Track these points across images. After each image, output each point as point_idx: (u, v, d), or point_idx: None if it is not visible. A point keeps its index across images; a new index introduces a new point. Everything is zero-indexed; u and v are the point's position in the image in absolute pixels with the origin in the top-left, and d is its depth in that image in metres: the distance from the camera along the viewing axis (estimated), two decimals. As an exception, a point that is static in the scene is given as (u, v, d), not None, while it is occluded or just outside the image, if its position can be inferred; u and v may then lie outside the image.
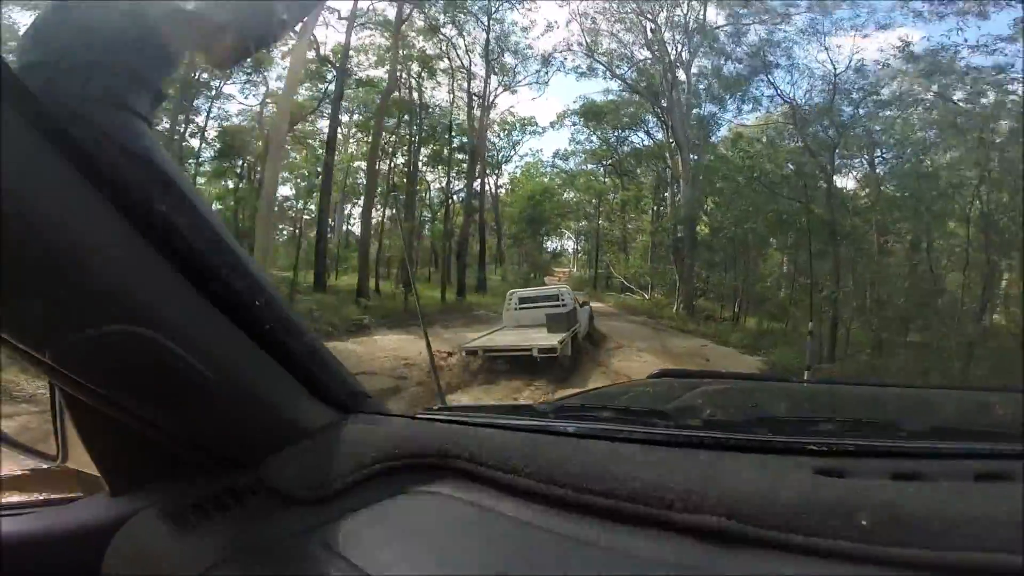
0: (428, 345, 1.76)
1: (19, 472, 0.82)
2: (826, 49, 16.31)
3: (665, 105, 21.31)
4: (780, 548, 0.35)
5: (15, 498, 0.71)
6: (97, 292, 0.42)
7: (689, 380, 1.16)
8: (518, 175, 30.02)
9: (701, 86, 21.14)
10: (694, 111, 21.37)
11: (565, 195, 30.38)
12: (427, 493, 0.50)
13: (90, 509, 0.61)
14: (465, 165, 24.39)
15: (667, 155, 23.36)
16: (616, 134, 27.39)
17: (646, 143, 25.87)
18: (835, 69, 16.02)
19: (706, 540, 0.36)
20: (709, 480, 0.39)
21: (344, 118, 19.91)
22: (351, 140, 21.47)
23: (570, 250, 33.26)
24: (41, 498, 0.70)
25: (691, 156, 20.75)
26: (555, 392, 6.76)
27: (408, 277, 16.53)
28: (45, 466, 0.82)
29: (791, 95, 17.76)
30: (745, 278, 18.23)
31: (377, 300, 16.07)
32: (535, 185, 30.04)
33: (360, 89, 19.73)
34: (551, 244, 32.08)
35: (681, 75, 20.75)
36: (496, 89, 24.06)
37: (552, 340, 8.04)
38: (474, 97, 21.53)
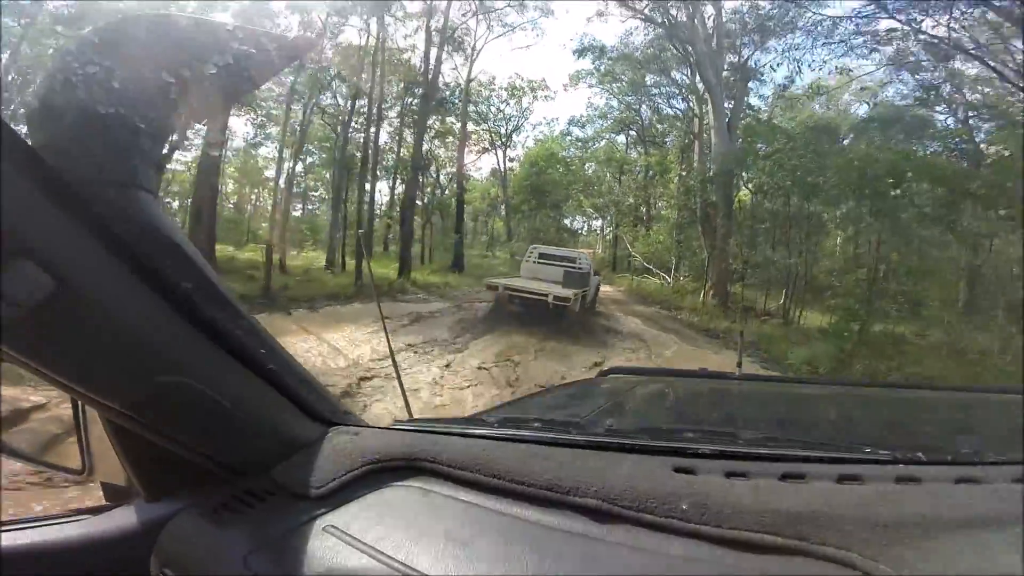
0: (393, 358, 1.68)
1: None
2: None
3: (687, 37, 16.31)
4: (635, 523, 0.50)
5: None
6: (143, 354, 0.53)
7: (634, 378, 1.40)
8: (532, 147, 25.79)
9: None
10: (726, 41, 16.36)
11: (584, 167, 26.10)
12: (402, 487, 0.63)
13: (135, 513, 0.71)
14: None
15: (693, 101, 18.34)
16: (636, 97, 22.66)
17: (673, 99, 20.96)
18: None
19: (588, 516, 0.52)
20: (595, 474, 0.54)
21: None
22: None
23: (596, 229, 28.95)
24: (73, 508, 0.77)
25: (725, 102, 15.81)
26: (561, 345, 7.69)
27: (363, 250, 13.24)
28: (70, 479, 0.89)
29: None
30: (803, 255, 13.24)
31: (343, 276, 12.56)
32: (540, 150, 25.63)
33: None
34: (574, 222, 27.70)
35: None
36: (481, 31, 19.67)
37: (567, 292, 8.72)
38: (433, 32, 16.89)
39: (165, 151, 0.51)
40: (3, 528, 0.69)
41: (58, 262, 0.43)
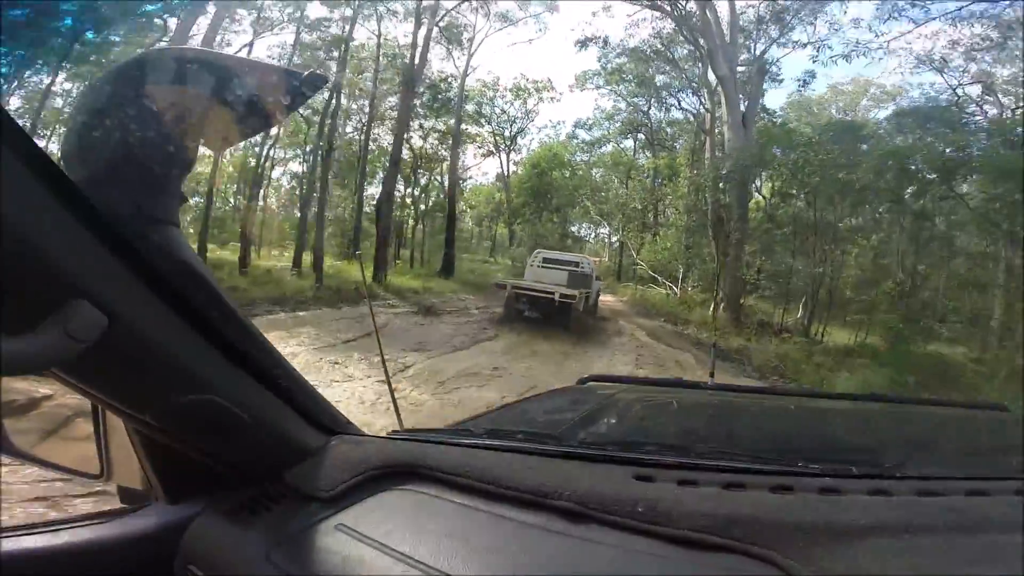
0: (385, 370, 1.63)
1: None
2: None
3: (699, 27, 14.96)
4: (601, 522, 0.56)
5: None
6: (176, 375, 0.57)
7: (611, 386, 1.51)
8: (536, 150, 24.46)
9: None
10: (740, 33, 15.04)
11: (591, 172, 24.73)
12: (401, 490, 0.68)
13: (159, 514, 0.74)
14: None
15: (705, 95, 16.90)
16: (645, 97, 21.33)
17: (682, 94, 19.56)
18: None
19: (564, 516, 0.57)
20: (570, 480, 0.61)
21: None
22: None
23: (603, 237, 27.47)
24: (92, 511, 0.79)
25: (738, 95, 14.40)
26: (563, 343, 8.05)
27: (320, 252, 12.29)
28: (89, 483, 0.96)
29: None
30: (827, 264, 11.63)
31: (308, 278, 11.32)
32: (543, 151, 24.30)
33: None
34: (580, 229, 26.20)
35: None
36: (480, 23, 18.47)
37: (572, 291, 9.30)
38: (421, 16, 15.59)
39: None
40: (23, 532, 0.70)
41: (109, 300, 0.46)
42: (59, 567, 0.69)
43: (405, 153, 16.81)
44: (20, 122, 0.42)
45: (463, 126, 21.33)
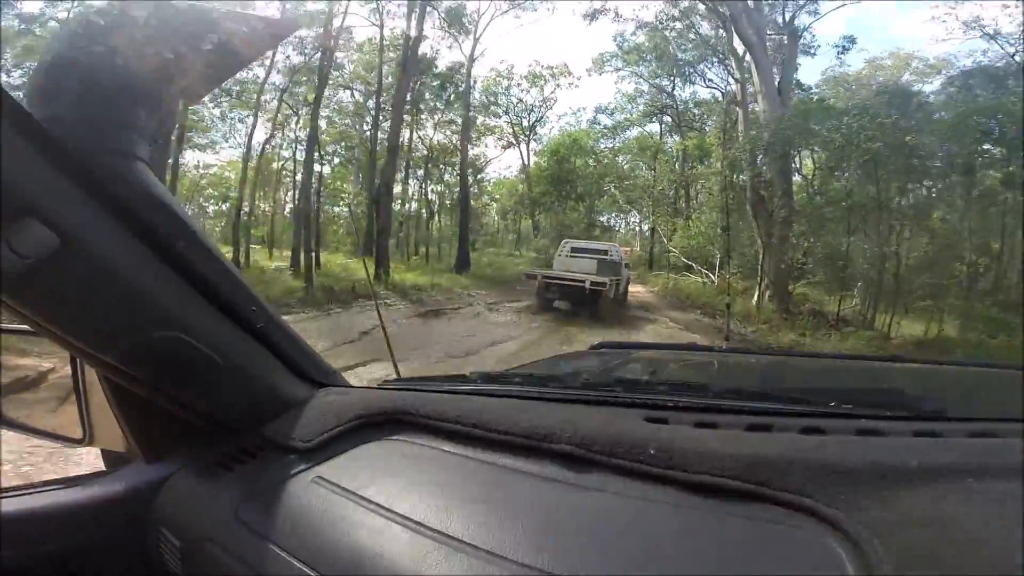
0: (382, 322, 1.75)
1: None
2: None
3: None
4: (605, 468, 0.50)
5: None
6: (140, 309, 0.55)
7: (622, 351, 1.39)
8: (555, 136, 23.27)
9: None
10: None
11: (616, 159, 23.37)
12: (388, 440, 0.64)
13: (134, 475, 0.72)
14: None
15: (732, 65, 15.33)
16: (668, 76, 19.85)
17: (707, 64, 17.99)
18: None
19: (564, 460, 0.52)
20: (569, 423, 0.54)
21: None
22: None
23: (633, 226, 26.12)
24: (72, 475, 0.76)
25: (770, 62, 12.96)
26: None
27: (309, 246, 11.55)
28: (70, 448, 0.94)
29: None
30: (893, 244, 10.06)
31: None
32: (562, 137, 22.99)
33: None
34: (610, 219, 24.83)
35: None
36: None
37: (603, 278, 9.22)
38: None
39: (158, 125, 0.55)
40: (4, 495, 0.68)
41: (61, 221, 0.46)
42: (20, 533, 0.66)
43: (420, 147, 15.97)
44: None
45: (480, 118, 20.36)
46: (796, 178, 12.75)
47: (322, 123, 15.74)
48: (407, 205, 20.88)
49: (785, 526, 0.40)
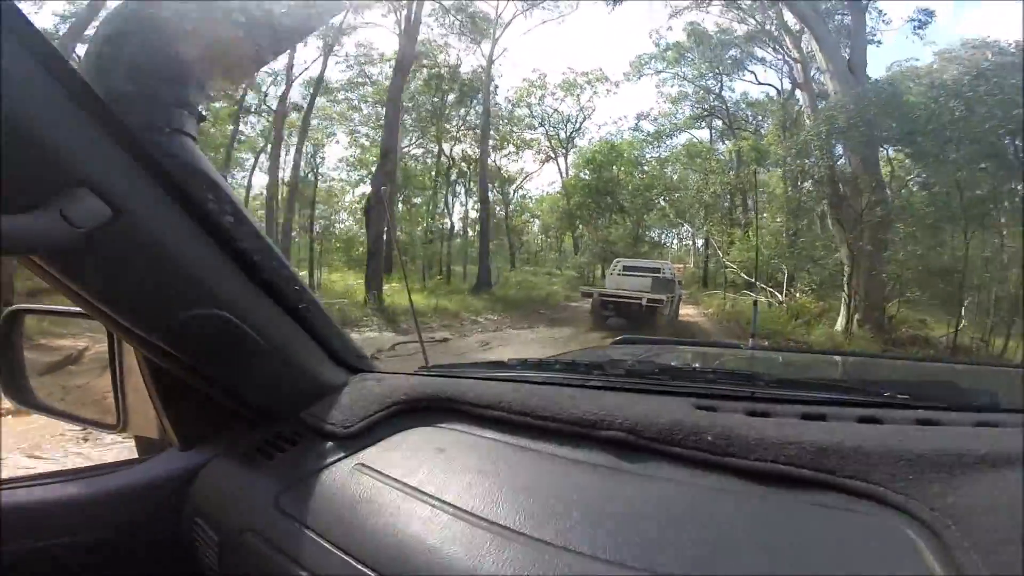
0: (413, 313, 2.14)
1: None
2: None
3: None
4: (660, 455, 0.49)
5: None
6: (187, 285, 0.55)
7: (645, 346, 1.36)
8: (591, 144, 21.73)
9: None
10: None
11: (664, 169, 21.43)
12: (428, 425, 0.63)
13: (169, 462, 0.71)
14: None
15: (787, 43, 13.17)
16: (713, 74, 17.91)
17: (758, 45, 15.89)
18: None
19: (613, 449, 0.51)
20: (618, 410, 0.54)
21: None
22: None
23: (686, 241, 23.97)
24: (110, 461, 0.76)
25: (835, 36, 10.89)
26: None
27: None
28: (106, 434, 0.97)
29: None
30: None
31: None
32: (599, 146, 21.29)
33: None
34: (660, 234, 22.74)
35: None
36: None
37: (660, 295, 9.57)
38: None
39: (204, 105, 0.56)
40: (42, 482, 0.67)
41: (114, 193, 0.47)
42: (58, 519, 0.65)
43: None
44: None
45: (512, 129, 19.05)
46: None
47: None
48: (440, 222, 19.77)
49: (859, 514, 0.40)
